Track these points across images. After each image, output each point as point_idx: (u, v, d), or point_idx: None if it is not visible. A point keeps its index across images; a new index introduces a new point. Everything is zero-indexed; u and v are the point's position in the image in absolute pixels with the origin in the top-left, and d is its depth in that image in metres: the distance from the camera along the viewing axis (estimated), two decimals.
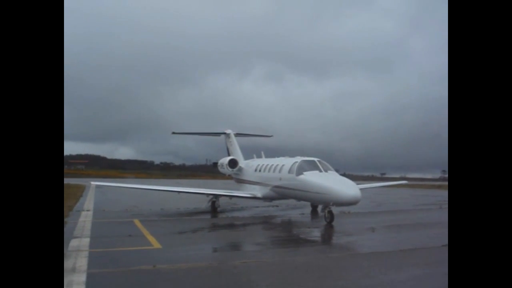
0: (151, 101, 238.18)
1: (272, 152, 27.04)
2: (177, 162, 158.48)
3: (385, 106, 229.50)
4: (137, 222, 17.36)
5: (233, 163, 27.01)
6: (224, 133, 30.95)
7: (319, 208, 21.80)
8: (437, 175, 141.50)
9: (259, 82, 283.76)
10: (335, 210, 17.81)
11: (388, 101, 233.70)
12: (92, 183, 27.43)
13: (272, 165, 22.16)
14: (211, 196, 23.42)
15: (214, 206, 23.00)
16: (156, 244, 12.01)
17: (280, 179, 20.35)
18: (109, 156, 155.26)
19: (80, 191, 38.80)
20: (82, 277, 7.99)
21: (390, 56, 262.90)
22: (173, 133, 30.68)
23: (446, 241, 12.49)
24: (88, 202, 27.12)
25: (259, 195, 22.68)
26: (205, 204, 23.58)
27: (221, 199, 23.82)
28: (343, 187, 16.52)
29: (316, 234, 15.73)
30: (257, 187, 23.42)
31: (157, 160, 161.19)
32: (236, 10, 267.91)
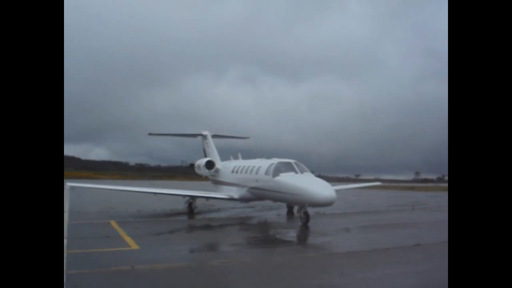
0: (127, 102, 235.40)
1: (249, 154, 27.24)
2: (153, 163, 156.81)
3: (359, 109, 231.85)
4: (113, 223, 17.29)
5: (210, 165, 27.09)
6: (201, 135, 30.98)
7: (295, 209, 22.04)
8: (410, 176, 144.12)
9: (235, 84, 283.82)
10: (310, 211, 18.09)
11: (361, 104, 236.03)
12: (67, 184, 27.09)
13: (249, 166, 22.33)
14: (187, 198, 23.41)
15: (191, 208, 23.01)
16: (133, 245, 12.03)
17: (257, 180, 20.53)
18: (83, 157, 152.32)
19: None
20: None
21: (362, 60, 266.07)
22: (150, 134, 30.58)
23: (418, 241, 12.90)
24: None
25: (236, 196, 22.79)
26: (181, 206, 23.59)
27: (197, 201, 23.87)
28: (318, 188, 16.77)
29: (292, 234, 15.97)
30: (234, 188, 23.54)
31: (132, 161, 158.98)
32: (212, 14, 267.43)
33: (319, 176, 20.82)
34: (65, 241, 12.38)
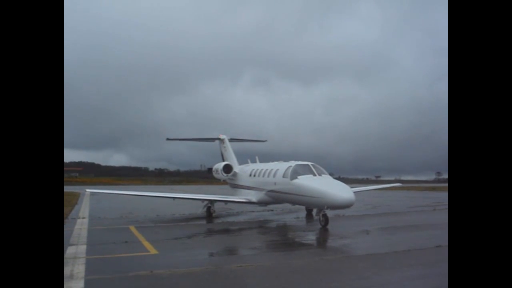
0: (145, 108, 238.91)
1: (266, 157, 27.16)
2: (172, 168, 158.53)
3: (375, 110, 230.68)
4: (132, 228, 17.42)
5: (227, 169, 27.12)
6: (218, 139, 31.05)
7: (314, 211, 21.91)
8: (431, 177, 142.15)
9: (250, 89, 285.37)
10: (330, 213, 17.94)
11: (377, 105, 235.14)
12: (87, 190, 27.44)
13: (267, 170, 22.26)
14: (206, 202, 23.50)
15: (210, 212, 23.10)
16: (152, 250, 12.09)
17: (275, 183, 20.46)
18: (103, 163, 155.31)
19: (75, 198, 38.69)
20: (80, 284, 8.08)
21: (375, 61, 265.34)
22: (168, 139, 30.87)
23: (439, 242, 12.67)
24: (83, 210, 27.12)
25: (254, 200, 22.77)
26: (200, 210, 23.66)
27: (216, 205, 23.93)
28: (337, 190, 16.64)
29: (311, 237, 15.85)
30: (252, 192, 23.52)
31: (151, 166, 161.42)
32: (226, 23, 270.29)
33: (339, 178, 20.67)
34: (85, 246, 12.52)
